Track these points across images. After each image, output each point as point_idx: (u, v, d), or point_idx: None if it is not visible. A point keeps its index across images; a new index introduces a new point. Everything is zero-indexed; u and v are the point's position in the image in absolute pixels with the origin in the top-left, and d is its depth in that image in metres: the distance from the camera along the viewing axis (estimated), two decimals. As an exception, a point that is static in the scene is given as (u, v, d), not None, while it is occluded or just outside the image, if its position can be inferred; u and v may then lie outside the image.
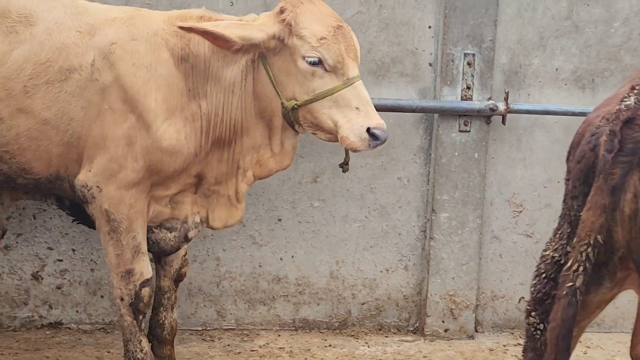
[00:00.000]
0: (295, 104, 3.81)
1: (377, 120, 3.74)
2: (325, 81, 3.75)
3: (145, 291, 4.00)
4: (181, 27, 3.74)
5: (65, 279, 4.94)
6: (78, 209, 4.14)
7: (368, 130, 3.70)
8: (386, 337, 5.21)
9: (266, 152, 4.03)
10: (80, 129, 3.81)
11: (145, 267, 3.99)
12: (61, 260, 4.91)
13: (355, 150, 3.77)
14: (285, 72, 3.82)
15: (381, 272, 5.22)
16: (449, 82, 4.91)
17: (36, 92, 3.77)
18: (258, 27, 3.78)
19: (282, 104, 3.84)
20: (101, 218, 3.89)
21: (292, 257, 5.12)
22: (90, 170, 3.84)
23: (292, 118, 3.85)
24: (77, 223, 4.36)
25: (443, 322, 5.20)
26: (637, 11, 5.11)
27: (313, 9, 3.83)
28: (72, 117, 3.80)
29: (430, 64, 4.99)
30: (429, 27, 4.95)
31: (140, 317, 4.02)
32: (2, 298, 4.90)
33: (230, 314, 5.12)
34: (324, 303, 5.20)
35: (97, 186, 3.84)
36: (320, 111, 3.78)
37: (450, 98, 4.94)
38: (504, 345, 5.18)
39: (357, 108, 3.74)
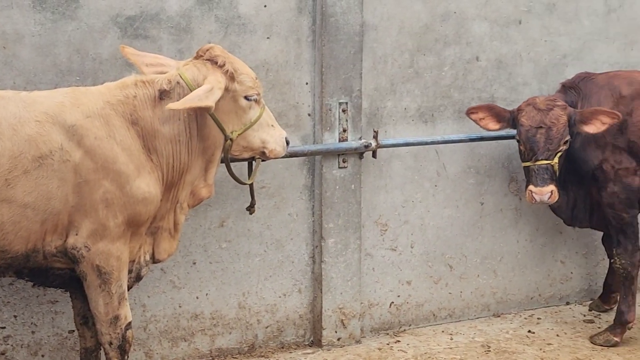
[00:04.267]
0: (237, 134, 4.68)
1: (284, 131, 4.95)
2: (255, 111, 4.73)
3: (130, 333, 4.57)
4: (172, 108, 4.33)
5: (8, 344, 5.22)
6: (37, 274, 4.55)
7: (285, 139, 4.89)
8: (290, 352, 5.99)
9: (200, 183, 4.79)
10: (58, 204, 4.27)
11: (128, 312, 4.56)
12: (4, 328, 5.20)
13: (278, 156, 4.91)
14: (226, 112, 4.63)
15: (280, 297, 5.98)
16: (328, 128, 5.78)
17: (17, 182, 4.13)
18: (217, 86, 4.49)
19: (225, 137, 4.63)
20: (92, 273, 4.39)
21: (207, 294, 5.75)
22: (77, 234, 4.33)
23: (229, 147, 4.69)
24: (38, 286, 4.83)
25: (336, 332, 6.06)
26: (459, 57, 6.28)
27: (235, 57, 4.78)
28: (50, 197, 4.24)
29: (309, 114, 5.84)
30: (306, 83, 5.80)
31: (126, 357, 4.58)
32: (-54, 373, 5.12)
33: (157, 353, 5.65)
34: (235, 331, 5.87)
35: (85, 246, 4.34)
36: (252, 135, 4.76)
37: (331, 141, 5.80)
38: (387, 344, 6.15)
39: (272, 125, 4.87)
